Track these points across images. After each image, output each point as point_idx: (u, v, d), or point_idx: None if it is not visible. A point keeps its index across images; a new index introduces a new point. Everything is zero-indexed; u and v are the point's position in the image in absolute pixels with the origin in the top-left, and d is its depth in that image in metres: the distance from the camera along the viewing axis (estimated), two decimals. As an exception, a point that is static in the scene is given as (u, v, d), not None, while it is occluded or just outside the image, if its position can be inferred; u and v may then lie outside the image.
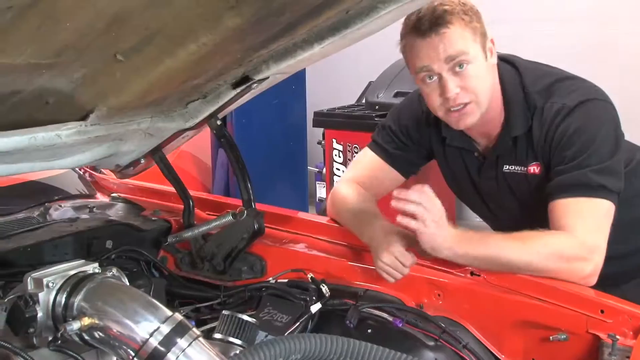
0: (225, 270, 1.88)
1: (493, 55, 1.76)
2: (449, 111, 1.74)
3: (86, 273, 1.25)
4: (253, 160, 4.24)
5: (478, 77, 1.70)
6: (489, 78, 1.75)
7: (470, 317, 1.60)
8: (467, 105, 1.72)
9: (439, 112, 1.77)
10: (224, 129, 1.87)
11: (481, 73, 1.71)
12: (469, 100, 1.71)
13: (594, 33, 4.73)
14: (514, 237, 1.62)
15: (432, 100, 1.75)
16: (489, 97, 1.74)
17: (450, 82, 1.68)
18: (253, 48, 1.48)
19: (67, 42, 1.23)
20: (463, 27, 1.67)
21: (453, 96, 1.70)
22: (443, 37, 1.66)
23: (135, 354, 1.11)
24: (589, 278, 1.59)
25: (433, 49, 1.67)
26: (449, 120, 1.78)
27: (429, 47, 1.67)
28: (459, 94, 1.70)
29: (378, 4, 1.36)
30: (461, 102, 1.71)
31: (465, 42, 1.67)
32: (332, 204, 1.95)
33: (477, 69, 1.70)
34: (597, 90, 1.79)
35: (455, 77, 1.69)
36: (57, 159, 1.73)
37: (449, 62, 1.67)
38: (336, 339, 1.27)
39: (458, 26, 1.66)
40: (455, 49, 1.66)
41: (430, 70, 1.70)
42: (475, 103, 1.72)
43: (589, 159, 1.68)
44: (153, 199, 2.33)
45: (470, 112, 1.73)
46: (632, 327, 1.40)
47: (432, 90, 1.73)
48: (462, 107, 1.72)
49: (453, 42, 1.66)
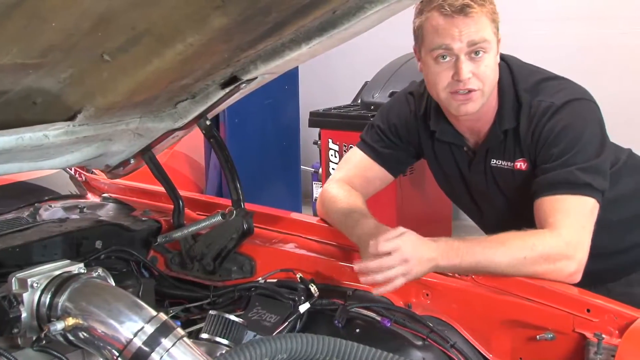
0: (215, 270, 1.88)
1: (498, 53, 1.78)
2: (454, 93, 1.74)
3: (71, 273, 1.25)
4: (246, 160, 4.28)
5: (490, 67, 1.73)
6: (496, 72, 1.78)
7: (458, 317, 1.61)
8: (474, 92, 1.73)
9: (441, 94, 1.77)
10: (214, 129, 1.86)
11: (492, 65, 1.75)
12: (477, 88, 1.73)
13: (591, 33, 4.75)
14: (501, 241, 1.63)
15: (440, 80, 1.75)
16: (492, 89, 1.78)
17: (465, 65, 1.70)
18: (240, 48, 1.48)
19: (53, 42, 1.23)
20: (488, 16, 1.70)
21: (465, 80, 1.71)
22: (471, 20, 1.68)
23: (119, 354, 1.11)
24: (573, 276, 1.61)
25: (458, 29, 1.68)
26: (450, 103, 1.78)
27: (453, 26, 1.68)
28: (470, 79, 1.72)
29: (365, 4, 1.36)
30: (470, 88, 1.72)
31: (488, 30, 1.70)
32: (322, 204, 1.95)
33: (490, 60, 1.73)
34: (583, 90, 1.81)
35: (471, 63, 1.71)
36: (46, 159, 1.73)
37: (470, 46, 1.69)
38: (322, 338, 1.28)
39: (485, 13, 1.69)
40: (480, 35, 1.69)
41: (448, 49, 1.70)
42: (481, 92, 1.74)
43: (575, 157, 1.69)
44: (144, 199, 2.32)
45: (475, 99, 1.75)
46: (617, 326, 1.41)
47: (443, 70, 1.74)
48: (468, 92, 1.73)
49: (479, 28, 1.68)
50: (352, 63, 5.35)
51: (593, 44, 4.76)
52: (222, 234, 1.86)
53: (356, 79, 4.78)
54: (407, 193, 4.24)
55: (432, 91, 1.81)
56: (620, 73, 4.67)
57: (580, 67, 4.40)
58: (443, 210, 4.43)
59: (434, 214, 4.36)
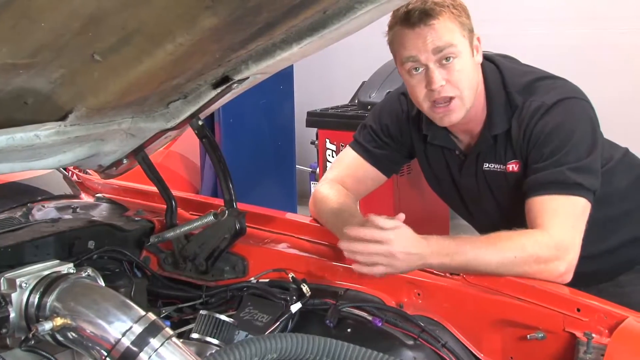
0: (208, 270, 1.88)
1: (479, 53, 1.77)
2: (434, 106, 1.74)
3: (60, 273, 1.26)
4: (241, 160, 4.28)
5: (464, 71, 1.71)
6: (474, 75, 1.76)
7: (449, 316, 1.61)
8: (452, 100, 1.72)
9: (423, 106, 1.77)
10: (206, 129, 1.87)
11: (467, 68, 1.72)
12: (453, 95, 1.72)
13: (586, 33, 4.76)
14: (491, 241, 1.63)
15: (417, 93, 1.75)
16: (473, 94, 1.75)
17: (436, 73, 1.69)
18: (231, 48, 1.48)
19: (43, 42, 1.23)
20: (452, 20, 1.68)
21: (438, 88, 1.70)
22: (432, 28, 1.67)
23: (108, 353, 1.11)
24: (564, 276, 1.61)
25: (421, 40, 1.67)
26: (433, 116, 1.78)
27: (417, 37, 1.68)
28: (444, 87, 1.70)
29: (355, 4, 1.36)
30: (446, 96, 1.71)
31: (453, 35, 1.68)
32: (313, 204, 1.96)
33: (463, 64, 1.71)
34: (576, 89, 1.81)
35: (442, 70, 1.70)
36: (38, 159, 1.72)
37: (436, 53, 1.68)
38: (313, 338, 1.28)
39: (447, 19, 1.67)
40: (443, 40, 1.67)
41: (416, 61, 1.70)
42: (460, 99, 1.73)
43: (566, 157, 1.69)
44: (137, 199, 2.33)
45: (455, 109, 1.73)
46: (607, 325, 1.41)
47: (417, 82, 1.73)
48: (448, 103, 1.72)
49: (441, 34, 1.67)
50: (350, 63, 5.36)
51: (589, 44, 4.77)
52: (215, 234, 1.86)
53: (354, 78, 4.78)
54: (404, 193, 4.25)
55: (416, 103, 1.80)
56: (616, 72, 4.68)
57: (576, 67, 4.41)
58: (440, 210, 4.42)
59: (431, 214, 4.36)
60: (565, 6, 4.88)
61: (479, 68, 1.79)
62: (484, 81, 1.81)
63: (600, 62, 4.70)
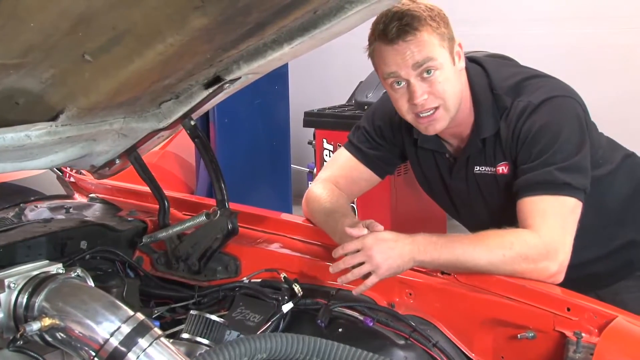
0: (200, 270, 1.89)
1: (461, 59, 1.76)
2: (418, 117, 1.74)
3: (48, 274, 1.25)
4: (236, 161, 4.28)
5: (446, 82, 1.70)
6: (457, 83, 1.75)
7: (440, 316, 1.61)
8: (436, 110, 1.72)
9: (407, 117, 1.77)
10: (198, 129, 1.87)
11: (449, 78, 1.71)
12: (437, 105, 1.72)
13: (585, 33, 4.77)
14: (480, 239, 1.63)
15: (401, 105, 1.75)
16: (457, 102, 1.75)
17: (418, 87, 1.69)
18: (222, 48, 1.48)
19: (32, 42, 1.23)
20: (430, 33, 1.67)
21: (421, 102, 1.70)
22: (410, 43, 1.66)
23: (96, 354, 1.11)
24: (555, 276, 1.61)
25: (400, 56, 1.67)
26: (418, 126, 1.79)
27: (396, 53, 1.68)
28: (427, 99, 1.70)
29: (345, 4, 1.37)
30: (430, 107, 1.71)
31: (432, 48, 1.67)
32: (306, 204, 1.96)
33: (445, 75, 1.70)
34: (563, 86, 1.80)
35: (423, 83, 1.69)
36: (30, 159, 1.72)
37: (416, 68, 1.68)
38: (303, 338, 1.28)
39: (425, 33, 1.66)
40: (423, 55, 1.67)
41: (397, 77, 1.70)
42: (444, 108, 1.72)
43: (554, 157, 1.69)
44: (131, 199, 2.33)
45: (439, 118, 1.73)
46: (597, 324, 1.42)
47: (400, 96, 1.74)
48: (432, 112, 1.72)
49: (420, 49, 1.66)
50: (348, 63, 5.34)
51: (587, 44, 4.77)
52: (207, 234, 1.86)
53: (352, 79, 4.78)
54: (401, 193, 4.25)
55: (401, 115, 1.80)
56: (615, 72, 4.69)
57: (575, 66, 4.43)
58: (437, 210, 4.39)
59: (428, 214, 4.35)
60: (565, 6, 4.89)
61: (463, 73, 1.79)
62: (469, 84, 1.80)
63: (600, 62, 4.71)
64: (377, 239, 1.59)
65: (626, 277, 1.98)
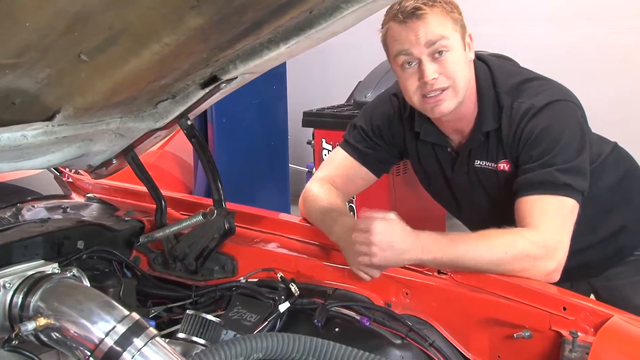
0: (197, 270, 1.88)
1: (471, 51, 1.79)
2: (425, 97, 1.74)
3: (44, 273, 1.25)
4: (234, 160, 4.28)
5: (457, 64, 1.73)
6: (467, 70, 1.77)
7: (437, 316, 1.61)
8: (444, 90, 1.73)
9: (414, 99, 1.77)
10: (195, 129, 1.87)
11: (460, 62, 1.74)
12: (447, 85, 1.73)
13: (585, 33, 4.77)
14: (482, 238, 1.63)
15: (410, 85, 1.76)
16: (466, 87, 1.77)
17: (429, 67, 1.70)
18: (218, 48, 1.48)
19: (28, 42, 1.23)
20: (444, 15, 1.70)
21: (431, 81, 1.71)
22: (424, 21, 1.68)
23: (91, 353, 1.11)
24: (552, 275, 1.62)
25: (413, 33, 1.69)
26: (424, 107, 1.78)
27: (409, 30, 1.69)
28: (438, 79, 1.72)
29: (341, 3, 1.37)
30: (439, 88, 1.72)
31: (445, 28, 1.70)
32: (303, 203, 1.96)
33: (456, 57, 1.72)
34: (564, 91, 1.82)
35: (434, 64, 1.71)
36: (26, 159, 1.72)
37: (429, 46, 1.69)
38: (298, 337, 1.28)
39: (439, 13, 1.69)
40: (436, 33, 1.69)
41: (409, 55, 1.71)
42: (453, 89, 1.74)
43: (555, 158, 1.70)
44: (128, 199, 2.33)
45: (447, 98, 1.74)
46: (593, 323, 1.42)
47: (410, 76, 1.74)
48: (439, 92, 1.73)
49: (433, 27, 1.69)
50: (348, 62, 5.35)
51: (587, 44, 4.77)
52: (204, 233, 1.86)
53: (351, 78, 4.78)
54: (400, 192, 4.24)
55: (407, 98, 1.81)
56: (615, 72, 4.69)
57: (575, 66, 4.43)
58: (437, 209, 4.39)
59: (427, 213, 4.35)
60: (565, 6, 4.89)
61: (472, 65, 1.81)
62: (475, 80, 1.82)
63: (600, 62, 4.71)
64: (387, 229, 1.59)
65: (617, 263, 2.00)
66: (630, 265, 2.02)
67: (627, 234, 2.01)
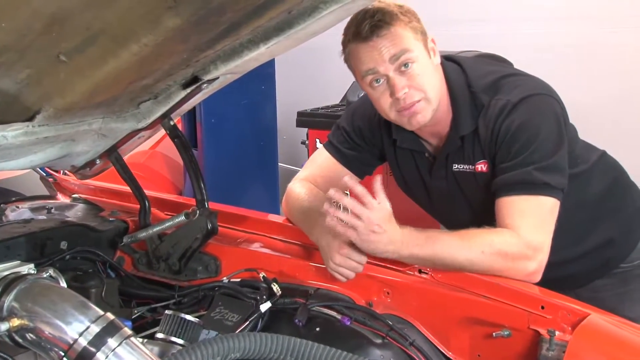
0: (181, 270, 1.89)
1: (436, 55, 1.77)
2: (400, 112, 1.74)
3: (19, 274, 1.25)
4: (223, 161, 4.28)
5: (424, 75, 1.72)
6: (435, 76, 1.76)
7: (418, 315, 1.62)
8: (417, 103, 1.72)
9: (390, 115, 1.77)
10: (178, 129, 1.87)
11: (427, 71, 1.73)
12: (418, 98, 1.72)
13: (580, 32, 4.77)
14: (460, 236, 1.64)
15: (383, 103, 1.75)
16: (438, 95, 1.76)
17: (398, 81, 1.70)
18: (198, 48, 1.48)
19: (5, 43, 1.23)
20: (403, 27, 1.69)
21: (403, 95, 1.71)
22: (384, 38, 1.67)
23: (65, 354, 1.10)
24: (533, 275, 1.62)
25: (377, 51, 1.68)
26: (401, 121, 1.78)
27: (372, 49, 1.69)
28: (408, 93, 1.71)
29: (320, 4, 1.37)
30: (411, 101, 1.72)
31: (407, 40, 1.69)
32: (286, 203, 1.96)
33: (422, 68, 1.71)
34: (542, 84, 1.80)
35: (402, 77, 1.70)
36: (8, 160, 1.72)
37: (393, 61, 1.69)
38: (277, 337, 1.28)
39: (398, 26, 1.68)
40: (398, 47, 1.68)
41: (376, 73, 1.71)
42: (425, 100, 1.73)
43: (532, 156, 1.69)
44: (114, 199, 2.33)
45: (421, 110, 1.74)
46: (570, 322, 1.43)
47: (381, 94, 1.74)
48: (413, 105, 1.73)
49: (395, 42, 1.68)
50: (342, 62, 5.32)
51: (582, 43, 4.76)
52: (187, 234, 1.86)
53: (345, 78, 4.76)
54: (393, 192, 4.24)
55: (383, 115, 1.80)
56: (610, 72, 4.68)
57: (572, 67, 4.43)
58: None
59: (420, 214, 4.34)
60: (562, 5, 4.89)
61: (439, 69, 1.80)
62: (446, 82, 1.81)
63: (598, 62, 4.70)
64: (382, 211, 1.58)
65: (603, 275, 1.99)
66: (616, 277, 2.00)
67: (614, 246, 1.99)
